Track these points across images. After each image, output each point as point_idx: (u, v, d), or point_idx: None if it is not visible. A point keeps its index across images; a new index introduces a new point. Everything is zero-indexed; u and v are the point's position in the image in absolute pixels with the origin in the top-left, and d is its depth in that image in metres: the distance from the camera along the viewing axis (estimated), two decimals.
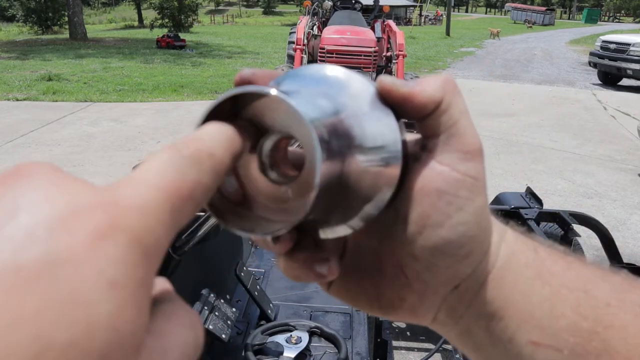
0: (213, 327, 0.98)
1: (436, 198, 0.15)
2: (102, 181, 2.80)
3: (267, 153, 0.15)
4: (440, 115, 0.15)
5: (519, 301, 0.16)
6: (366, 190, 0.15)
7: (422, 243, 0.15)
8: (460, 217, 0.15)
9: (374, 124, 0.15)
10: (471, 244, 0.15)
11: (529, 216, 1.30)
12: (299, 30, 3.55)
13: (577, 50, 12.64)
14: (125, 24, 21.60)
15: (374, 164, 0.15)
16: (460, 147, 0.15)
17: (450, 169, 0.15)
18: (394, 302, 0.16)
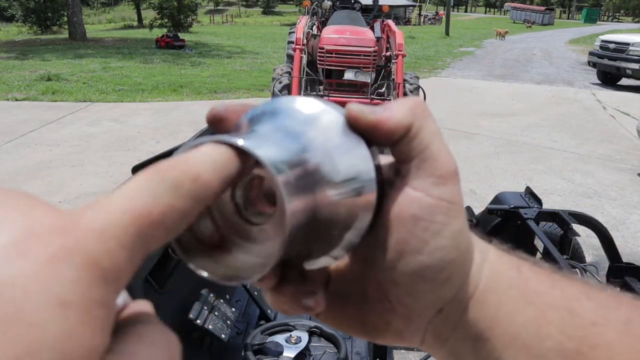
0: (212, 327, 0.98)
1: (412, 224, 0.15)
2: (101, 181, 2.80)
3: (240, 194, 0.15)
4: (411, 140, 0.15)
5: (504, 322, 0.16)
6: (344, 221, 0.15)
7: (402, 269, 0.15)
8: (438, 242, 0.15)
9: (344, 156, 0.15)
10: (451, 268, 0.15)
11: (529, 216, 1.30)
12: (299, 30, 3.55)
13: (576, 50, 12.65)
14: (124, 24, 21.58)
15: (348, 196, 0.15)
16: (433, 171, 0.15)
17: (425, 194, 0.15)
18: (380, 326, 0.16)
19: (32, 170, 3.01)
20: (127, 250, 0.10)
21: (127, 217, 0.10)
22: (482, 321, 0.16)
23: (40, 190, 2.70)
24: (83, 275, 0.09)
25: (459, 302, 0.16)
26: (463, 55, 10.68)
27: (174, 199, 0.11)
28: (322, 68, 3.57)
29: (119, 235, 0.10)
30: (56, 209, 0.10)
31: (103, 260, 0.09)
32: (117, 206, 0.10)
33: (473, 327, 0.16)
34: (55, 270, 0.09)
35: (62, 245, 0.09)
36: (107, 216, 0.10)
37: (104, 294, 0.09)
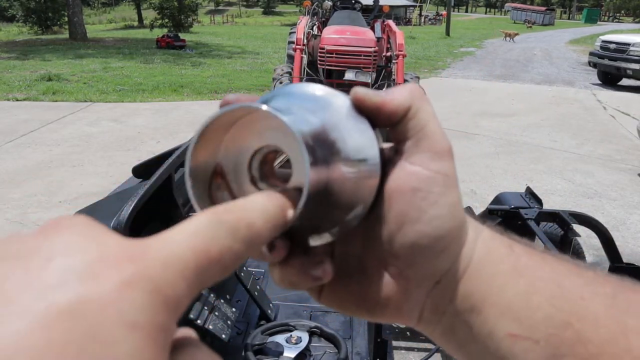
0: (213, 327, 0.98)
1: (411, 195, 0.16)
2: (102, 181, 2.80)
3: (256, 166, 0.16)
4: (410, 120, 0.16)
5: (496, 294, 0.16)
6: (350, 198, 0.16)
7: (402, 240, 0.16)
8: (435, 210, 0.16)
9: (355, 136, 0.16)
10: (447, 237, 0.16)
11: (529, 216, 1.30)
12: (299, 30, 3.55)
13: (576, 50, 12.64)
14: (125, 24, 21.60)
15: (357, 175, 0.16)
16: (430, 147, 0.16)
17: (422, 168, 0.16)
18: (380, 302, 0.17)
19: (33, 170, 3.01)
20: (187, 282, 0.11)
21: (189, 253, 0.11)
22: (476, 293, 0.16)
23: (41, 191, 2.70)
24: (150, 301, 0.10)
25: (455, 273, 0.17)
26: (463, 55, 10.67)
27: (231, 242, 0.12)
28: (322, 68, 3.57)
29: (181, 268, 0.11)
30: (123, 238, 0.11)
31: (167, 289, 0.10)
32: (180, 241, 0.11)
33: (468, 299, 0.17)
34: (127, 294, 0.10)
35: (132, 271, 0.10)
36: (171, 249, 0.11)
37: (166, 320, 0.10)
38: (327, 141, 0.15)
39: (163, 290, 0.10)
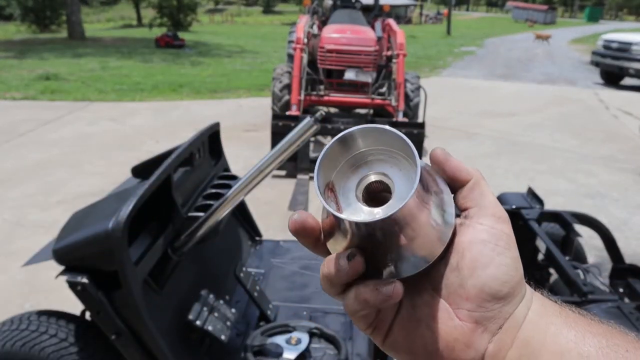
0: (212, 328, 0.97)
1: (482, 246, 0.20)
2: (100, 181, 2.79)
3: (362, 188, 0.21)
4: (472, 191, 0.21)
5: (551, 342, 0.19)
6: (428, 238, 0.19)
7: (474, 282, 0.20)
8: (502, 259, 0.20)
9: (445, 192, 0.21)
10: (512, 284, 0.20)
11: (531, 216, 1.29)
12: (299, 29, 3.53)
13: (579, 49, 12.62)
14: (123, 23, 21.53)
15: (439, 222, 0.19)
16: (493, 213, 0.21)
17: (489, 227, 0.20)
18: (448, 345, 0.20)
19: (31, 170, 2.99)
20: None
21: None
22: (534, 340, 0.19)
23: (39, 191, 2.69)
24: None
25: (516, 320, 0.20)
26: (464, 54, 10.65)
27: None
28: (322, 68, 3.55)
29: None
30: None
31: None
32: None
33: (527, 345, 0.19)
34: None
35: None
36: None
37: None
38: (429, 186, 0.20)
39: None
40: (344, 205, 0.20)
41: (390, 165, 0.20)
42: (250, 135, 3.78)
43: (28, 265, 1.03)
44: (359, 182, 0.20)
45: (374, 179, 0.20)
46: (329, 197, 0.20)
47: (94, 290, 0.80)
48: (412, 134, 2.82)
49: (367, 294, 0.19)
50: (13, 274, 1.80)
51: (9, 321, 0.92)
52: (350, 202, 0.20)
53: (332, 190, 0.20)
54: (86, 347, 0.88)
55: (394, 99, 3.36)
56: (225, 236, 1.25)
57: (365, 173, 0.20)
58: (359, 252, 0.19)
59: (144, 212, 0.87)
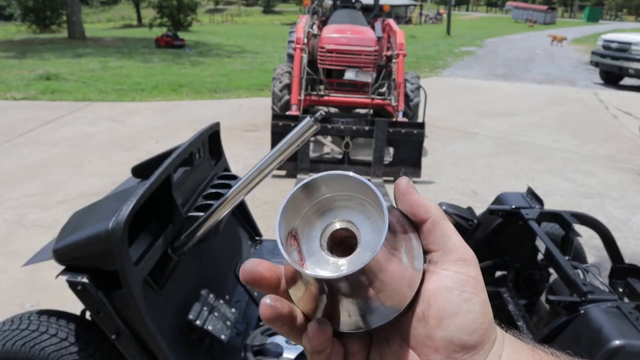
0: (212, 328, 0.97)
1: (448, 294, 0.19)
2: (100, 181, 2.79)
3: (326, 237, 0.19)
4: (432, 232, 0.20)
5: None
6: (397, 288, 0.18)
7: (442, 333, 0.19)
8: (469, 307, 0.19)
9: (413, 236, 0.19)
10: (481, 331, 0.19)
11: (530, 216, 1.29)
12: (299, 29, 3.53)
13: (578, 49, 12.61)
14: (124, 22, 21.52)
15: (409, 267, 0.18)
16: (458, 257, 0.20)
17: (455, 272, 0.19)
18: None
19: (31, 170, 3.00)
20: None
21: None
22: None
23: (39, 191, 2.69)
24: None
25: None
26: (464, 54, 10.65)
27: None
28: (322, 68, 3.55)
29: None
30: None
31: None
32: None
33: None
34: None
35: None
36: None
37: None
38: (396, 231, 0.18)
39: None
40: (307, 255, 0.19)
41: (356, 212, 0.19)
42: (250, 135, 3.79)
43: (28, 265, 1.03)
44: (324, 230, 0.19)
45: (339, 227, 0.19)
46: (292, 246, 0.19)
47: (94, 290, 0.80)
48: (412, 134, 2.82)
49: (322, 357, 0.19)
50: (13, 274, 1.80)
51: (9, 321, 0.92)
52: (314, 251, 0.19)
53: (295, 237, 0.19)
54: (86, 347, 0.88)
55: (393, 99, 3.37)
56: (225, 236, 1.25)
57: (330, 220, 0.19)
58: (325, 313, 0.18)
59: (144, 212, 0.87)
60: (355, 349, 0.19)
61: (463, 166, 3.25)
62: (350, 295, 0.17)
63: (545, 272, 1.42)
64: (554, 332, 0.95)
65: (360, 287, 0.17)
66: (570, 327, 0.93)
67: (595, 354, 0.82)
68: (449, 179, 3.00)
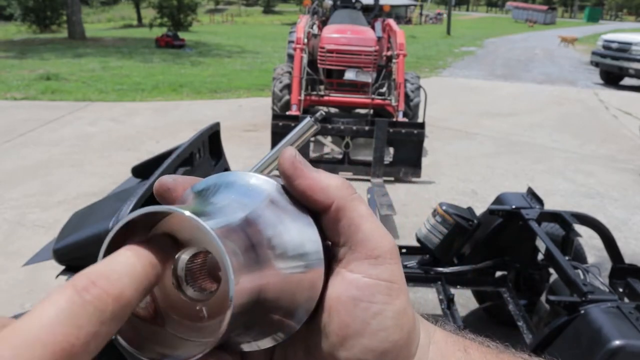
0: None
1: (352, 306, 0.15)
2: (101, 181, 2.79)
3: (182, 266, 0.14)
4: (338, 222, 0.15)
5: None
6: (289, 300, 0.14)
7: (345, 354, 0.15)
8: (380, 322, 0.15)
9: (293, 229, 0.14)
10: (395, 350, 0.15)
11: (530, 216, 1.29)
12: (299, 29, 3.53)
13: (578, 49, 12.61)
14: (124, 23, 21.53)
15: (296, 271, 0.14)
16: (368, 252, 0.15)
17: (362, 275, 0.15)
18: None
19: (31, 170, 3.00)
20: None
21: (47, 352, 0.09)
22: None
23: (39, 191, 2.69)
24: None
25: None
26: (464, 54, 10.65)
27: (98, 326, 0.10)
28: (322, 68, 3.55)
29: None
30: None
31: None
32: (35, 338, 0.09)
33: None
34: None
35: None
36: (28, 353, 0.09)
37: None
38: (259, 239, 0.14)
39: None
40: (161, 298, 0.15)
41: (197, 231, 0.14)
42: (250, 135, 3.79)
43: (28, 265, 1.03)
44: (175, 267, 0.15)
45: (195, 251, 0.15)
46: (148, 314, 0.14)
47: None
48: (412, 134, 2.82)
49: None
50: (13, 274, 1.80)
51: None
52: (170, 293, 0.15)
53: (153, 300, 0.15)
54: None
55: (394, 99, 3.36)
56: None
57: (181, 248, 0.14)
58: None
59: None
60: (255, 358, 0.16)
61: (463, 166, 3.25)
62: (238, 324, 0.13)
63: (546, 272, 1.42)
64: (554, 332, 0.95)
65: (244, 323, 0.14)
66: (571, 327, 0.93)
67: (596, 354, 0.82)
68: (449, 179, 3.00)
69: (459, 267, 1.39)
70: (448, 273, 1.39)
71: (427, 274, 1.42)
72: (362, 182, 2.85)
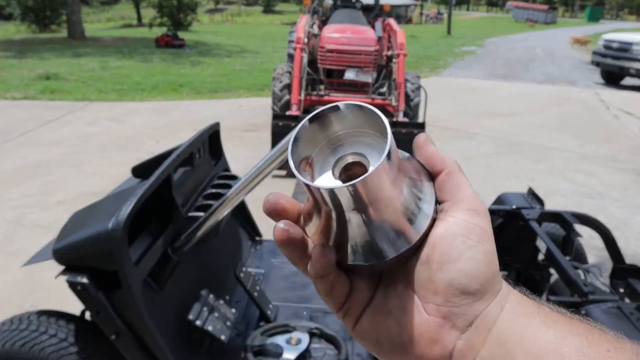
0: (212, 328, 0.97)
1: (453, 239, 0.19)
2: (100, 181, 2.79)
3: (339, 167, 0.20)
4: (445, 183, 0.20)
5: (528, 342, 0.18)
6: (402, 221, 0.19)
7: (442, 277, 0.19)
8: (473, 254, 0.19)
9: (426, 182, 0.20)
10: (482, 280, 0.19)
11: (531, 217, 1.29)
12: (299, 29, 3.53)
13: (579, 49, 12.59)
14: (123, 22, 21.52)
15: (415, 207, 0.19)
16: (468, 207, 0.20)
17: (463, 220, 0.20)
18: (414, 338, 0.19)
19: (31, 170, 2.99)
20: None
21: None
22: (509, 341, 0.18)
23: (39, 191, 2.69)
24: None
25: (487, 318, 0.19)
26: (465, 54, 10.65)
27: None
28: (322, 67, 3.55)
29: None
30: None
31: None
32: None
33: (502, 345, 0.18)
34: None
35: None
36: None
37: None
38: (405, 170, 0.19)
39: None
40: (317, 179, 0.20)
41: (370, 148, 0.19)
42: (250, 135, 3.78)
43: (28, 265, 1.03)
44: (337, 162, 0.20)
45: (351, 160, 0.20)
46: (306, 171, 0.20)
47: (94, 290, 0.80)
48: (413, 134, 2.83)
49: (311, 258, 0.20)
50: (13, 274, 1.80)
51: (8, 321, 0.92)
52: (325, 179, 0.20)
53: (310, 165, 0.20)
54: (86, 347, 0.88)
55: (394, 99, 3.36)
56: (225, 236, 1.25)
57: (343, 153, 0.20)
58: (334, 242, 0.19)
59: (144, 212, 0.87)
60: (361, 286, 0.20)
61: (463, 166, 3.15)
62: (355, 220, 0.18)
63: (546, 272, 1.42)
64: None
65: (364, 211, 0.18)
66: None
67: None
68: None
69: None
70: None
71: None
72: None
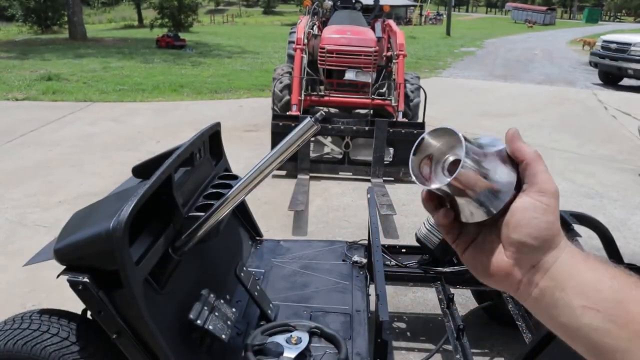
0: (213, 328, 0.98)
1: (524, 211, 0.29)
2: (101, 181, 2.80)
3: (448, 161, 0.31)
4: (525, 169, 0.29)
5: (576, 278, 0.27)
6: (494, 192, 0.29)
7: (514, 236, 0.29)
8: (537, 223, 0.28)
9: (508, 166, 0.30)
10: (541, 240, 0.28)
11: None
12: (299, 30, 3.54)
13: (577, 50, 12.62)
14: (124, 23, 21.57)
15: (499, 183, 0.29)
16: (539, 189, 0.29)
17: (533, 199, 0.29)
18: (496, 270, 0.30)
19: (32, 170, 3.00)
20: None
21: None
22: (561, 277, 0.28)
23: (40, 191, 2.70)
24: None
25: (547, 262, 0.28)
26: (464, 55, 10.67)
27: None
28: (322, 68, 3.56)
29: None
30: None
31: None
32: None
33: (555, 279, 0.28)
34: None
35: None
36: None
37: None
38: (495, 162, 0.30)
39: None
40: (434, 173, 0.31)
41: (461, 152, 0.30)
42: (250, 135, 3.79)
43: (29, 265, 1.04)
44: (444, 161, 0.31)
45: (452, 159, 0.31)
46: (426, 165, 0.31)
47: (95, 289, 0.80)
48: (412, 134, 2.83)
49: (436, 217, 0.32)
50: (14, 274, 1.80)
51: (10, 320, 0.92)
52: (438, 174, 0.31)
53: (430, 160, 0.31)
54: (87, 346, 0.89)
55: (394, 99, 3.37)
56: (225, 236, 1.26)
57: (447, 156, 0.31)
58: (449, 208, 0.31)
59: (144, 211, 0.87)
60: (469, 231, 0.31)
61: None
62: (458, 195, 0.29)
63: None
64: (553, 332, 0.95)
65: (462, 193, 0.29)
66: None
67: None
68: None
69: (459, 267, 1.39)
70: (448, 273, 1.40)
71: (426, 273, 1.42)
72: (362, 182, 2.85)
